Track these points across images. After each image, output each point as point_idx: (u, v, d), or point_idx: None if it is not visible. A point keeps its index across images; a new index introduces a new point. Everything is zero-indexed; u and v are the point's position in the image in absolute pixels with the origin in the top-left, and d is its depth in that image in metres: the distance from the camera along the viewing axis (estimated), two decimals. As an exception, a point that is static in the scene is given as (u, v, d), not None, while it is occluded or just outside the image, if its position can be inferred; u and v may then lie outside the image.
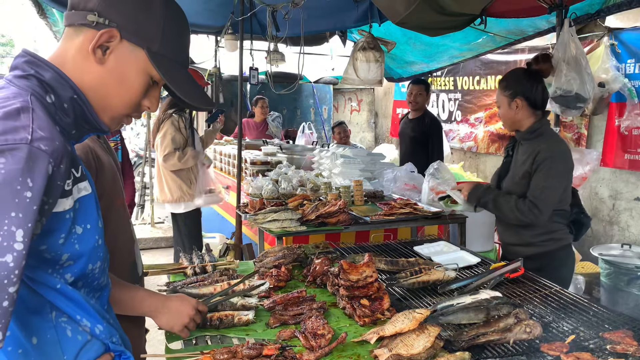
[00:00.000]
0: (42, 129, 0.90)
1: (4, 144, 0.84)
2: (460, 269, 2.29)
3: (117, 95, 1.09)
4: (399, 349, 1.52)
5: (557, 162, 2.49)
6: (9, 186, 0.82)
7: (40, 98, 0.97)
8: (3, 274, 0.81)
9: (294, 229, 2.78)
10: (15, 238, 0.82)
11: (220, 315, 1.75)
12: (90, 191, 1.07)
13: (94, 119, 1.08)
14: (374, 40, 2.99)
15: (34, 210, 0.85)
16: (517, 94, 2.56)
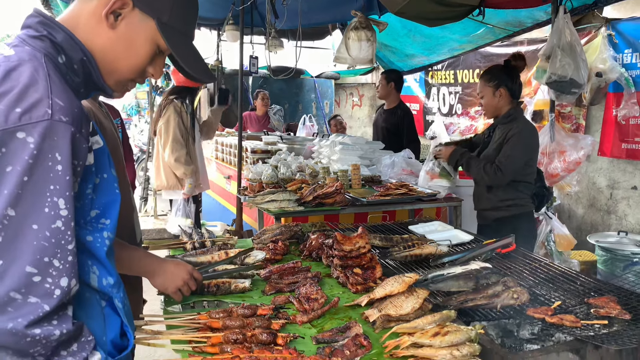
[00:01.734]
0: (60, 98, 0.96)
1: (28, 122, 0.92)
2: (453, 246, 2.35)
3: (124, 60, 1.14)
4: (389, 309, 1.58)
5: (524, 138, 2.90)
6: (41, 165, 0.92)
7: (53, 59, 1.03)
8: (59, 237, 0.95)
9: (292, 209, 2.84)
10: (59, 206, 0.94)
11: (217, 282, 1.81)
12: (102, 144, 1.13)
13: (99, 81, 1.13)
14: (366, 20, 3.05)
15: (67, 180, 0.95)
16: (500, 85, 2.97)
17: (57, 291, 0.93)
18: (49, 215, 0.93)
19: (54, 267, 0.93)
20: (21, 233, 0.91)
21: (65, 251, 0.95)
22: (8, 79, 0.94)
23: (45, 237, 0.93)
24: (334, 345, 1.42)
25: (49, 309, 0.93)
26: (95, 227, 1.11)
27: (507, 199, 2.98)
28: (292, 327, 1.58)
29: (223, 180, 5.33)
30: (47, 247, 0.93)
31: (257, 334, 1.41)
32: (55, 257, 0.94)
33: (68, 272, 0.95)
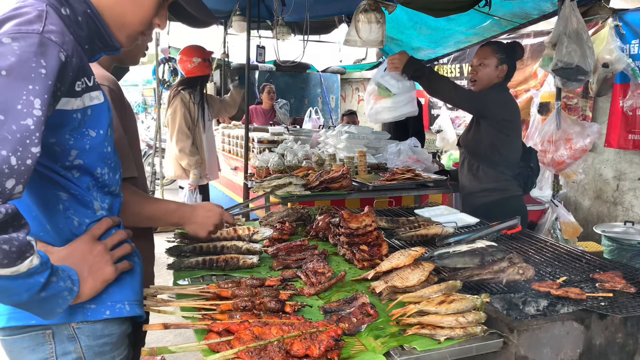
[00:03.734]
0: (54, 25, 0.99)
1: (17, 32, 0.93)
2: (459, 228, 2.35)
3: (132, 13, 1.18)
4: (395, 281, 1.59)
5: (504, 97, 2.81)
6: (24, 63, 0.91)
7: (56, 9, 1.06)
8: (25, 135, 0.89)
9: (299, 193, 2.86)
10: (34, 105, 0.91)
11: (226, 257, 1.84)
12: (102, 100, 1.15)
13: (107, 35, 1.17)
14: (375, 2, 3.06)
15: (49, 85, 0.93)
16: (505, 61, 2.83)
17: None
18: (20, 112, 0.89)
19: (9, 164, 0.87)
20: None
21: (26, 151, 0.89)
22: (14, 12, 0.99)
23: (10, 130, 0.88)
24: (341, 314, 1.44)
25: None
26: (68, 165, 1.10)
27: (489, 183, 2.85)
28: (299, 298, 1.60)
29: (230, 171, 5.36)
30: (8, 141, 0.87)
31: (265, 302, 1.44)
32: (15, 154, 0.88)
33: (20, 175, 0.88)
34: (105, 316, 1.14)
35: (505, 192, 2.86)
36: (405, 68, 2.75)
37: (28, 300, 0.95)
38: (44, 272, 0.95)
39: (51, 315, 1.03)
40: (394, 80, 2.75)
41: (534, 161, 2.98)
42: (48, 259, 0.97)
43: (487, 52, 2.87)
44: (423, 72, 2.76)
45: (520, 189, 2.91)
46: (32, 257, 0.91)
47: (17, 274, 0.89)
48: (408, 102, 2.76)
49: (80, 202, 1.13)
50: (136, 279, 1.25)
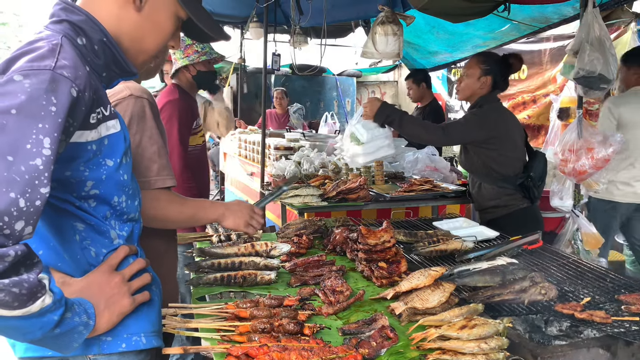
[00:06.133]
0: (66, 59, 0.99)
1: (29, 69, 0.94)
2: (478, 242, 2.32)
3: (151, 39, 1.21)
4: (415, 302, 1.57)
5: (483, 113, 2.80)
6: (35, 101, 0.91)
7: (72, 39, 1.07)
8: (34, 175, 0.89)
9: (315, 204, 2.85)
10: (43, 145, 0.90)
11: (243, 274, 1.83)
12: (119, 129, 1.15)
13: (124, 61, 1.17)
14: (393, 14, 3.05)
15: (59, 123, 0.93)
16: (490, 72, 2.83)
17: (7, 231, 0.86)
18: (30, 152, 0.89)
19: (18, 206, 0.86)
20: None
21: (36, 192, 0.88)
22: (28, 47, 1.00)
23: (19, 171, 0.87)
24: (360, 337, 1.43)
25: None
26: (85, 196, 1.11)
27: (492, 200, 2.85)
28: (317, 318, 1.59)
29: (246, 177, 5.37)
30: (17, 182, 0.87)
31: (284, 324, 1.43)
32: (23, 196, 0.87)
33: (29, 216, 0.88)
34: (120, 349, 1.15)
35: (509, 207, 2.86)
36: (376, 116, 2.76)
37: (42, 337, 0.95)
38: (57, 310, 0.95)
39: (68, 349, 1.03)
40: (363, 129, 2.76)
41: (539, 168, 2.92)
42: (62, 296, 0.97)
43: (472, 62, 2.90)
44: (394, 119, 2.76)
45: (525, 201, 2.87)
46: (44, 297, 0.90)
47: (28, 314, 0.88)
48: (380, 147, 2.78)
49: (97, 232, 1.13)
50: (154, 309, 1.25)
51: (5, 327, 0.90)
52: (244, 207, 1.73)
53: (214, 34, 1.33)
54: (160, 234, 1.73)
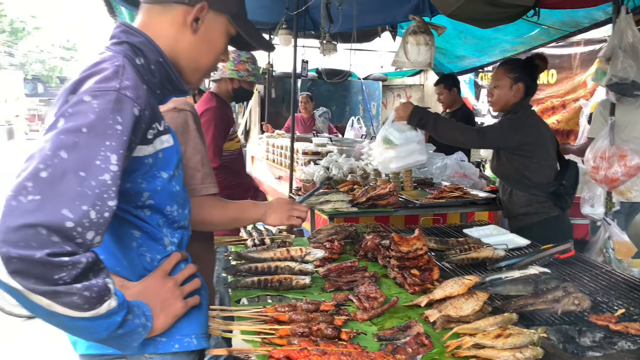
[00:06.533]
0: (128, 80, 1.07)
1: (97, 90, 1.02)
2: (509, 250, 2.33)
3: (206, 57, 1.30)
4: (449, 310, 1.61)
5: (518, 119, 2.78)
6: (103, 121, 0.99)
7: (131, 60, 1.15)
8: (103, 189, 0.96)
9: (346, 209, 2.90)
10: (110, 161, 0.98)
11: (279, 278, 1.89)
12: (172, 143, 1.22)
13: (177, 80, 1.26)
14: (425, 24, 3.07)
15: (124, 141, 1.01)
16: (520, 79, 2.83)
17: (80, 240, 0.92)
18: (99, 167, 0.96)
19: (89, 218, 0.93)
20: (68, 175, 0.93)
21: (104, 205, 0.95)
22: (93, 68, 1.08)
23: (90, 185, 0.94)
24: (396, 343, 1.47)
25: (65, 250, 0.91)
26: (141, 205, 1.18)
27: (523, 208, 2.84)
28: (353, 323, 1.63)
29: (274, 180, 5.45)
30: (88, 196, 0.93)
31: (322, 329, 1.48)
32: (94, 209, 0.94)
33: (98, 227, 0.95)
34: (174, 349, 1.21)
35: (540, 215, 2.84)
36: (410, 118, 2.78)
37: (107, 337, 1.03)
38: (121, 312, 1.02)
39: (128, 349, 1.10)
40: (397, 132, 2.79)
41: (571, 176, 2.91)
42: (124, 300, 1.04)
43: (500, 73, 2.89)
44: (428, 120, 2.78)
45: (557, 209, 2.86)
46: (110, 300, 0.98)
47: (96, 315, 0.96)
48: (414, 151, 2.80)
49: (152, 239, 1.21)
50: (203, 312, 1.31)
51: (76, 327, 0.98)
52: (284, 203, 1.78)
53: (260, 46, 1.44)
54: (199, 237, 1.79)
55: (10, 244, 0.85)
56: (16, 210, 0.88)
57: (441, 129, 2.80)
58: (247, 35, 1.35)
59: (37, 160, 0.92)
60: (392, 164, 2.78)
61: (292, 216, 1.76)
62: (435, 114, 2.83)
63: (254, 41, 1.39)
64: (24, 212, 0.88)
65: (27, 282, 0.87)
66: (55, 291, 0.89)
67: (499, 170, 2.94)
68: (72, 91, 1.04)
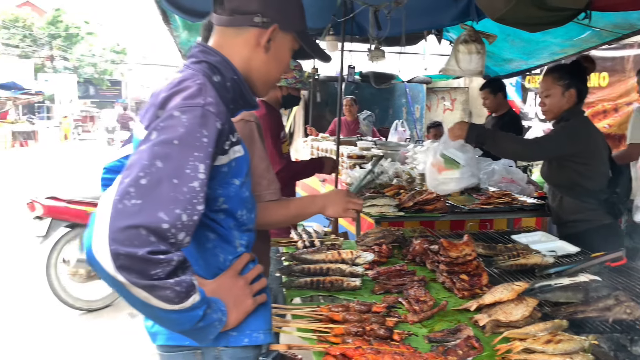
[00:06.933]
0: (211, 97, 1.19)
1: (186, 106, 1.14)
2: (558, 257, 2.33)
3: (275, 71, 1.43)
4: (498, 315, 1.65)
5: (573, 127, 2.76)
6: (191, 134, 1.10)
7: (209, 78, 1.27)
8: (193, 195, 1.07)
9: (392, 213, 2.96)
10: (198, 170, 1.09)
11: (331, 279, 1.97)
12: (243, 153, 1.33)
13: (248, 95, 1.38)
14: (476, 33, 3.10)
15: (209, 152, 1.12)
16: (571, 85, 2.79)
17: (173, 240, 1.03)
18: (189, 175, 1.06)
19: (182, 220, 1.04)
20: (163, 183, 1.04)
21: (194, 209, 1.06)
22: (178, 86, 1.20)
23: (181, 191, 1.05)
24: (447, 345, 1.52)
25: (161, 249, 1.01)
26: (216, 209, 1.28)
27: (574, 215, 2.81)
28: (403, 325, 1.69)
29: (318, 183, 5.54)
30: (181, 201, 1.04)
31: (375, 329, 1.55)
32: (185, 212, 1.04)
33: (188, 229, 1.05)
34: (244, 343, 1.32)
35: (591, 222, 2.80)
36: (467, 136, 2.76)
37: (189, 329, 1.14)
38: (202, 306, 1.14)
39: (205, 341, 1.21)
40: (459, 152, 2.75)
41: (625, 184, 2.87)
42: (205, 295, 1.15)
43: (549, 82, 2.86)
44: (487, 137, 2.77)
45: (608, 217, 2.82)
46: (195, 294, 1.09)
47: (183, 308, 1.07)
48: (473, 173, 2.78)
49: (225, 241, 1.31)
50: (268, 309, 1.41)
51: (166, 318, 1.10)
52: (340, 195, 1.82)
53: (321, 58, 1.55)
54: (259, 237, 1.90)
55: (118, 242, 0.98)
56: (122, 212, 1.00)
57: (501, 144, 2.80)
58: (310, 49, 1.46)
59: (137, 168, 1.05)
60: (450, 185, 2.76)
61: (349, 208, 1.81)
62: (492, 130, 2.84)
63: (316, 55, 1.50)
64: (129, 215, 1.00)
65: (130, 277, 0.99)
66: (152, 285, 1.01)
67: (550, 176, 2.92)
68: (161, 107, 1.17)
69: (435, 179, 2.81)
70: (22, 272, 5.31)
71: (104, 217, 1.00)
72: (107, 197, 1.04)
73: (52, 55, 35.65)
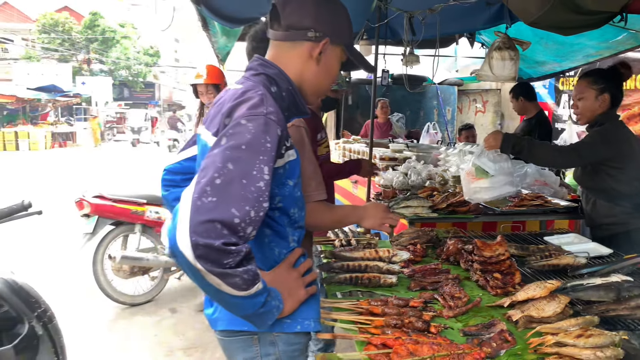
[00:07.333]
0: (271, 106, 1.33)
1: (251, 115, 1.29)
2: (591, 258, 2.38)
3: (325, 82, 1.56)
4: (531, 311, 1.73)
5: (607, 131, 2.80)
6: (257, 140, 1.25)
7: (267, 88, 1.42)
8: (259, 193, 1.21)
9: (426, 214, 3.04)
10: (264, 172, 1.23)
11: (369, 276, 2.09)
12: (295, 157, 1.46)
13: (301, 104, 1.52)
14: (510, 40, 3.17)
15: (272, 156, 1.26)
16: (606, 89, 2.83)
17: (242, 233, 1.16)
18: (256, 176, 1.20)
19: (250, 216, 1.17)
20: (234, 182, 1.18)
21: (260, 206, 1.20)
22: (242, 97, 1.34)
23: (250, 190, 1.19)
24: (481, 338, 1.61)
25: (232, 241, 1.14)
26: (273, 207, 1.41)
27: (608, 218, 2.85)
28: (439, 319, 1.79)
29: (350, 184, 5.65)
30: (249, 199, 1.18)
31: (413, 321, 1.65)
32: (253, 209, 1.18)
33: (255, 223, 1.19)
34: (296, 329, 1.45)
35: (625, 225, 2.83)
36: (502, 146, 2.77)
37: (252, 314, 1.29)
38: (264, 293, 1.28)
39: (264, 326, 1.35)
40: (490, 162, 2.78)
41: None
42: (265, 284, 1.29)
43: (583, 85, 2.90)
44: (522, 146, 2.78)
45: None
46: (259, 282, 1.24)
47: (249, 295, 1.21)
48: (506, 182, 2.78)
49: (280, 236, 1.45)
50: (317, 300, 1.54)
51: (233, 303, 1.25)
52: (379, 209, 1.92)
53: (366, 69, 1.67)
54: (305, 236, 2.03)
55: (197, 234, 1.12)
56: (201, 208, 1.15)
57: (538, 153, 2.85)
58: (357, 61, 1.59)
59: (212, 170, 1.20)
60: (483, 195, 2.79)
61: (385, 223, 1.91)
62: (528, 139, 2.86)
63: (362, 65, 1.63)
64: (206, 210, 1.14)
65: (206, 265, 1.13)
66: (224, 273, 1.15)
67: (583, 180, 2.96)
68: (228, 115, 1.32)
69: (468, 187, 2.86)
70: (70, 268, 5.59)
71: (185, 212, 1.15)
72: (186, 195, 1.18)
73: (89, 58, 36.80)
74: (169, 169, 1.72)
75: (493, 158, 2.77)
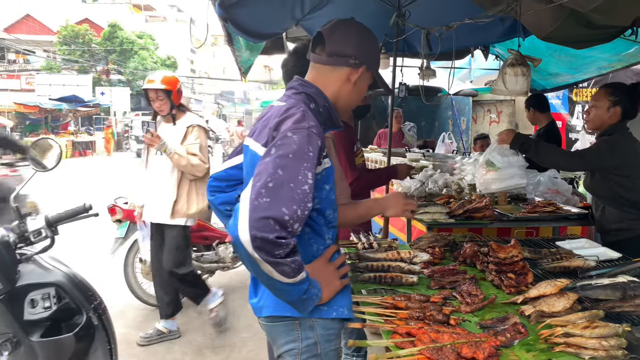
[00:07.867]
0: (312, 121, 1.55)
1: (295, 129, 1.50)
2: (600, 261, 2.52)
3: (355, 100, 1.78)
4: (542, 306, 1.89)
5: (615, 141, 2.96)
6: (301, 150, 1.45)
7: (307, 105, 1.63)
8: (304, 195, 1.41)
9: (444, 220, 3.21)
10: (307, 177, 1.43)
11: (392, 275, 2.26)
12: (330, 164, 1.66)
13: (336, 119, 1.73)
14: (522, 57, 3.37)
15: (314, 164, 1.47)
16: (619, 103, 3.00)
17: (290, 229, 1.36)
18: (301, 181, 1.40)
19: (297, 214, 1.37)
20: (283, 185, 1.38)
21: (305, 206, 1.39)
22: (287, 113, 1.55)
23: (296, 192, 1.38)
24: (496, 329, 1.78)
25: (283, 235, 1.35)
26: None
27: (616, 224, 3.00)
28: (457, 314, 1.96)
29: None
30: (296, 199, 1.38)
31: (434, 314, 1.83)
32: (299, 208, 1.38)
33: (301, 221, 1.39)
34: (332, 316, 1.64)
35: (633, 231, 2.99)
36: (512, 142, 3.11)
37: (296, 300, 1.48)
38: (306, 282, 1.47)
39: (305, 311, 1.54)
40: (499, 155, 3.11)
41: None
42: (307, 274, 1.47)
43: (600, 94, 3.08)
44: (530, 145, 3.09)
45: None
46: (303, 272, 1.44)
47: (295, 282, 1.41)
48: (514, 175, 3.12)
49: (317, 234, 1.64)
50: (349, 291, 1.73)
51: (282, 289, 1.45)
52: (399, 198, 2.10)
53: (387, 91, 1.86)
54: None
55: (256, 229, 1.33)
56: (257, 207, 1.36)
57: (543, 154, 3.08)
58: (382, 85, 1.82)
59: (265, 175, 1.41)
60: (492, 185, 3.09)
61: (406, 209, 2.10)
62: (537, 140, 3.12)
63: (384, 88, 1.84)
64: (262, 209, 1.35)
65: (262, 255, 1.33)
66: (276, 262, 1.35)
67: (592, 187, 3.11)
68: (275, 129, 1.53)
69: (480, 178, 3.19)
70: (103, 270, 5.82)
71: (244, 210, 1.36)
72: (245, 196, 1.39)
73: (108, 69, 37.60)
74: (215, 177, 1.93)
75: (502, 152, 3.07)
